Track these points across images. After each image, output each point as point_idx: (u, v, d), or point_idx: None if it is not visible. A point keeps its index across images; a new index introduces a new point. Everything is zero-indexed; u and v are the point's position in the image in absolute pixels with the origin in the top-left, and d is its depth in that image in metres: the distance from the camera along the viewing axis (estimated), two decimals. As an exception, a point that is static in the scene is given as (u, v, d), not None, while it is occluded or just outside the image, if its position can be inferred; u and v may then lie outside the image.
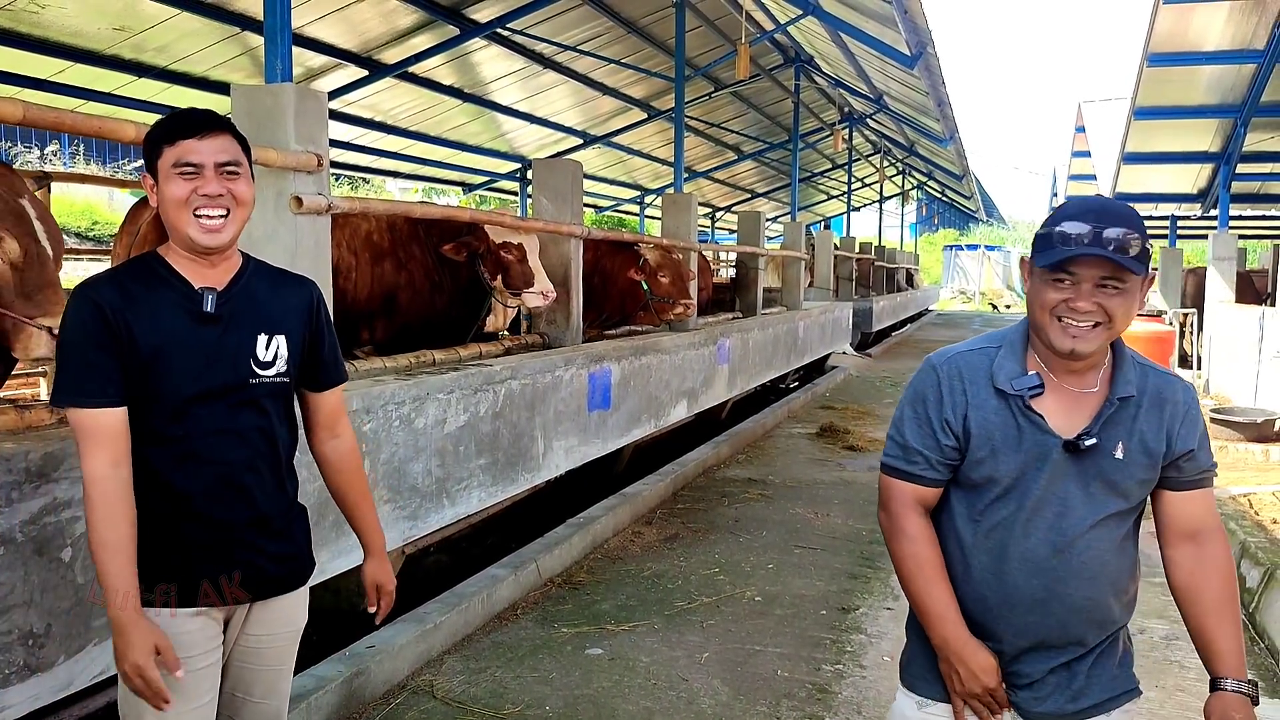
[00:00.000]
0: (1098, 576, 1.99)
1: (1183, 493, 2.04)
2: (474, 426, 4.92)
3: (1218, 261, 13.58)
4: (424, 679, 4.25)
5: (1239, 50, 10.51)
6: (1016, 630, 2.03)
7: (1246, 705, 1.96)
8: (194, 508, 2.17)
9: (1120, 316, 1.91)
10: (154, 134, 2.17)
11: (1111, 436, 1.97)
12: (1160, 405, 2.00)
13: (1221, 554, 2.05)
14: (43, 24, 7.66)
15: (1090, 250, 1.85)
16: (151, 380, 2.12)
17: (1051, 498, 1.99)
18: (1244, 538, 5.55)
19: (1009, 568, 2.01)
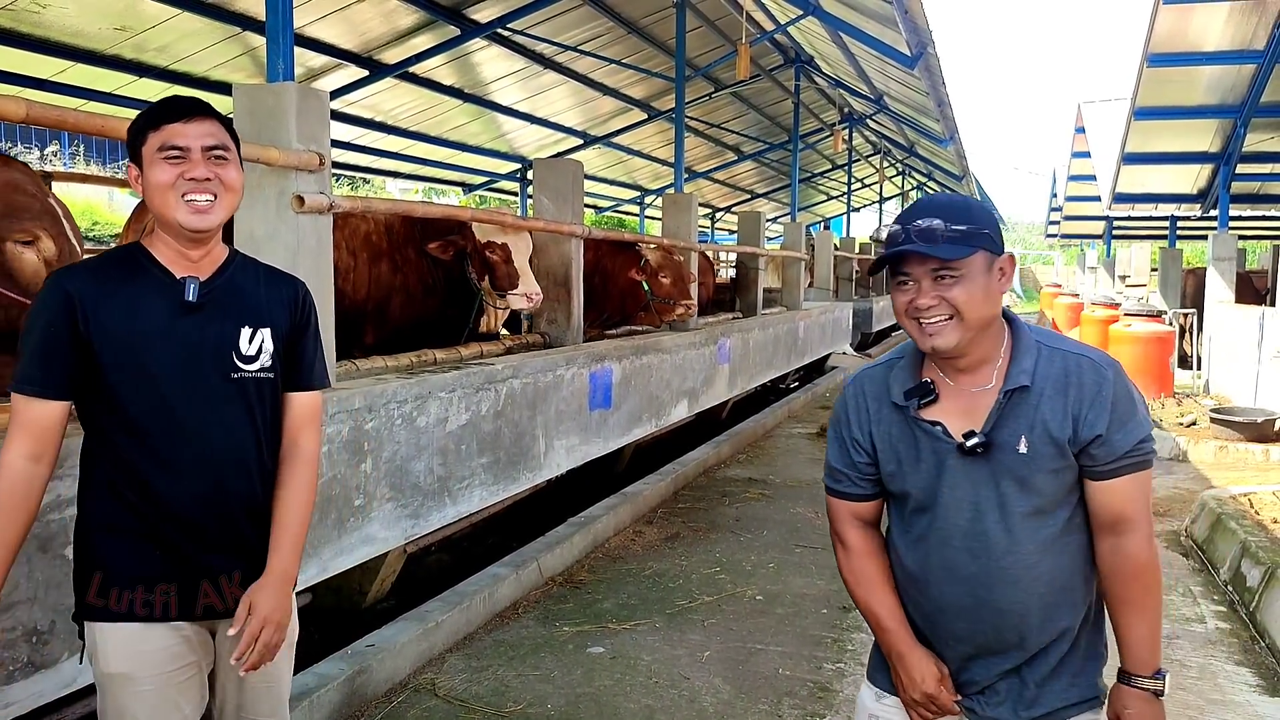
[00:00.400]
0: (1022, 580, 1.92)
1: (1101, 482, 1.91)
2: (476, 425, 4.93)
3: (1217, 262, 13.59)
4: (426, 677, 4.25)
5: (1239, 51, 10.52)
6: (954, 636, 2.00)
7: (1142, 700, 1.92)
8: (175, 509, 2.08)
9: (966, 304, 1.86)
10: (138, 122, 2.11)
11: (1012, 431, 1.90)
12: (1064, 390, 1.90)
13: (1137, 547, 1.90)
14: (44, 24, 7.67)
15: (900, 249, 1.87)
16: (128, 371, 2.05)
17: (962, 503, 1.94)
18: (1244, 537, 5.55)
19: (933, 577, 1.99)
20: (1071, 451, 1.89)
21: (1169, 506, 7.36)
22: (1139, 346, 12.08)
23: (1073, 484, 1.93)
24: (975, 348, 1.93)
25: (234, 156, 2.13)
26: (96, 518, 2.09)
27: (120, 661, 2.06)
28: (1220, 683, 4.32)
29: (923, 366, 2.02)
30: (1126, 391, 1.90)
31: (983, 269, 1.88)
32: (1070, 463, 1.90)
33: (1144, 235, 27.23)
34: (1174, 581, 5.64)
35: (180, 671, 2.11)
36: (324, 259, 4.07)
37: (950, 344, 1.89)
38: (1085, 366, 1.91)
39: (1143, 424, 1.90)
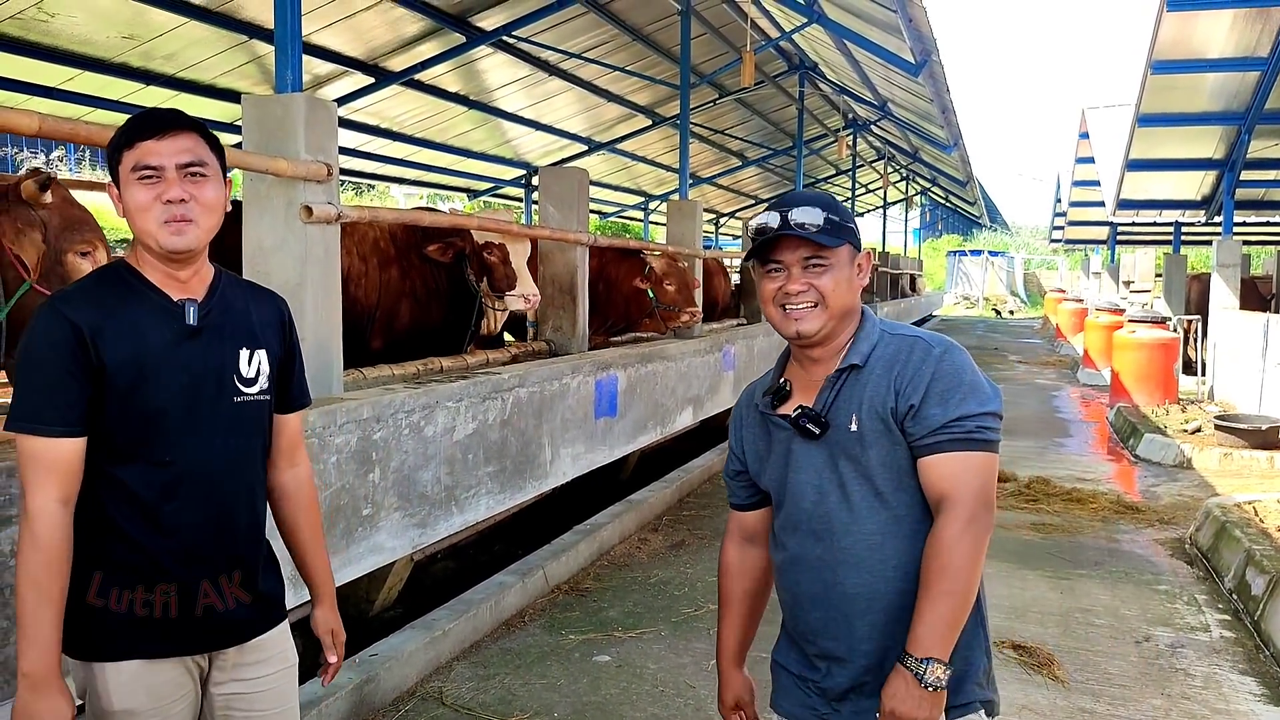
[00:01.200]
0: (866, 562, 1.91)
1: (924, 459, 1.88)
2: (482, 434, 4.95)
3: (1222, 268, 13.58)
4: (433, 686, 4.27)
5: (1243, 58, 10.51)
6: (811, 630, 2.00)
7: (902, 679, 1.81)
8: (181, 541, 2.00)
9: (831, 292, 1.95)
10: (114, 138, 1.99)
11: (845, 411, 1.94)
12: (892, 366, 1.93)
13: (946, 526, 1.82)
14: (52, 32, 7.72)
15: (781, 233, 1.93)
16: (133, 400, 1.94)
17: (806, 487, 1.98)
18: (1249, 545, 5.55)
19: (789, 566, 2.04)
20: (897, 428, 1.90)
21: (1173, 514, 7.37)
22: (1143, 353, 12.07)
23: (908, 466, 1.91)
24: (834, 337, 2.00)
25: (214, 171, 2.00)
26: (96, 555, 1.99)
27: (125, 699, 2.00)
28: (1225, 692, 4.33)
29: (785, 369, 2.10)
30: (954, 369, 1.90)
31: (847, 261, 1.99)
32: (899, 440, 1.90)
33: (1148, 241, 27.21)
34: (1178, 590, 5.65)
35: (179, 701, 2.07)
36: (332, 269, 4.10)
37: (813, 329, 1.96)
38: (917, 346, 1.95)
39: (969, 401, 1.87)
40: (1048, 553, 6.32)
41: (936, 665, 1.80)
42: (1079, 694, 4.25)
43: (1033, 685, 4.32)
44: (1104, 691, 4.29)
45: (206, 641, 2.09)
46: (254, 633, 2.15)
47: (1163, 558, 6.29)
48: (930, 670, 1.79)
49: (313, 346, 3.83)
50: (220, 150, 2.05)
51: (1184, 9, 9.39)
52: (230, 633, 2.12)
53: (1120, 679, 4.43)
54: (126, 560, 1.99)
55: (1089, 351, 16.34)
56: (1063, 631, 4.98)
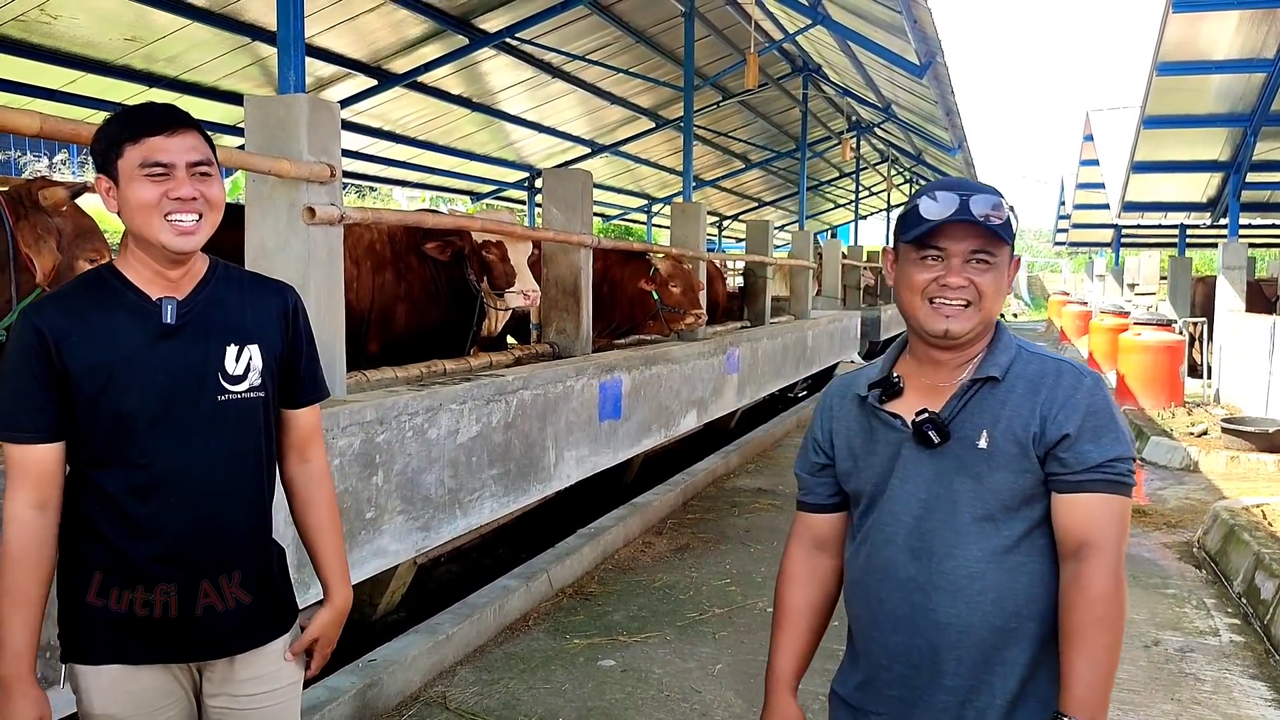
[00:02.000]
0: (966, 590, 1.75)
1: (1067, 496, 1.74)
2: (486, 437, 4.92)
3: (1228, 270, 13.54)
4: (437, 690, 4.24)
5: (1249, 59, 10.49)
6: (888, 653, 1.84)
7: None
8: (163, 544, 1.96)
9: (990, 294, 1.79)
10: (112, 130, 1.93)
11: (974, 425, 1.78)
12: (1037, 388, 1.78)
13: (1094, 575, 1.70)
14: (55, 35, 7.70)
15: (960, 217, 1.75)
16: (102, 404, 1.91)
17: (910, 498, 1.82)
18: (1258, 549, 5.51)
19: (873, 579, 1.86)
20: (1036, 455, 1.75)
21: (1180, 517, 7.33)
22: (1149, 355, 12.04)
23: (1034, 495, 1.77)
24: (974, 342, 1.85)
25: (216, 171, 1.99)
26: (76, 558, 1.99)
27: (106, 703, 1.99)
28: (1235, 697, 4.29)
29: (897, 363, 1.95)
30: (1106, 404, 1.78)
31: (1007, 263, 1.83)
32: (1032, 467, 1.75)
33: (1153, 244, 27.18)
34: (1187, 593, 5.61)
35: (167, 709, 2.04)
36: (335, 270, 4.08)
37: (965, 330, 1.80)
38: (1065, 370, 1.80)
39: (1120, 443, 1.75)
40: (1055, 556, 6.27)
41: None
42: (1088, 699, 4.21)
43: (1041, 690, 4.28)
44: (1113, 696, 4.22)
45: (192, 651, 2.05)
46: (247, 643, 2.09)
47: (1170, 561, 6.25)
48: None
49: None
50: (214, 148, 2.03)
51: (1190, 10, 9.37)
52: (219, 641, 2.06)
53: (1129, 684, 4.39)
54: (110, 564, 1.97)
55: (1094, 354, 16.30)
56: (1071, 636, 4.94)
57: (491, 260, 5.76)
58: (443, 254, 5.71)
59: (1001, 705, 1.77)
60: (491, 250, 5.76)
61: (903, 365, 1.93)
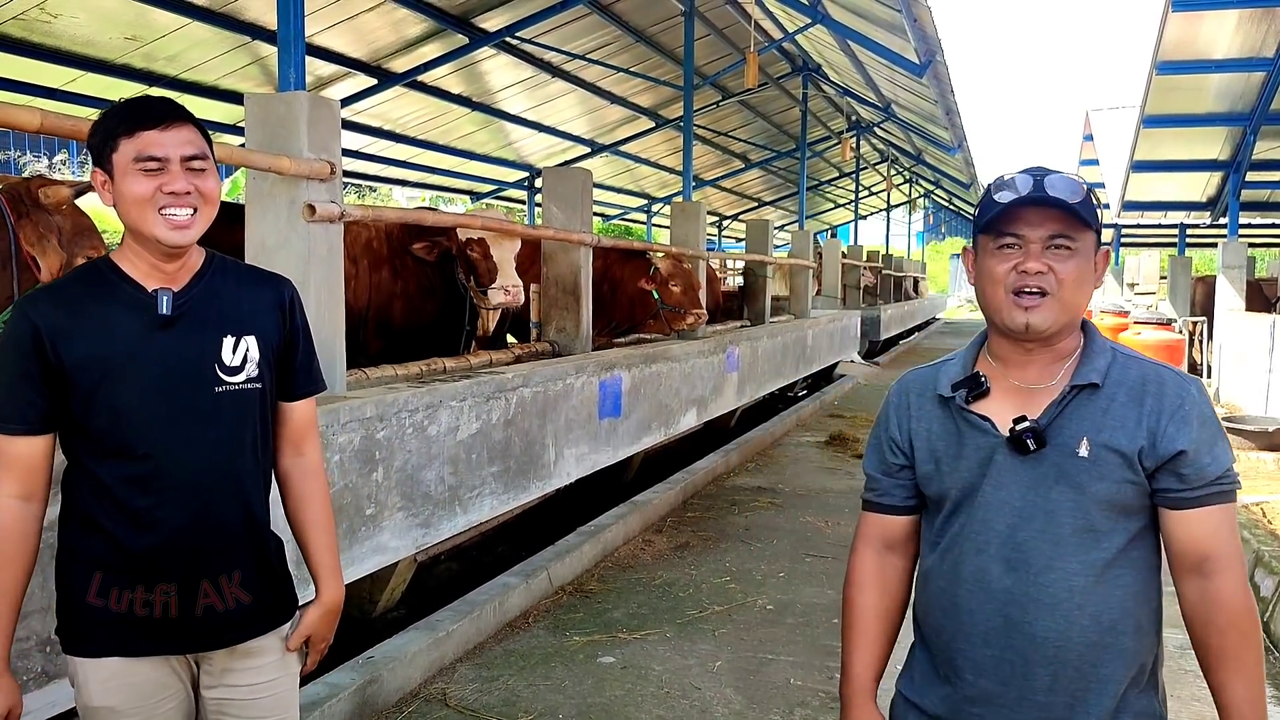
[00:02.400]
0: (1064, 605, 1.68)
1: (1184, 512, 1.68)
2: (486, 434, 4.92)
3: (1228, 270, 13.54)
4: (436, 687, 4.24)
5: (1248, 58, 10.49)
6: (976, 668, 1.75)
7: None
8: (162, 536, 1.95)
9: (1072, 284, 1.69)
10: (107, 124, 1.92)
11: (1073, 432, 1.70)
12: (1141, 398, 1.69)
13: (1229, 591, 1.66)
14: (55, 34, 7.71)
15: (1035, 195, 1.67)
16: (99, 397, 1.91)
17: (1004, 506, 1.73)
18: (1258, 547, 5.52)
19: (961, 591, 1.77)
20: (1144, 469, 1.67)
21: (1180, 515, 7.33)
22: (1149, 354, 11.98)
23: (1134, 507, 1.70)
24: (1059, 339, 1.74)
25: (211, 165, 1.98)
26: (74, 550, 2.00)
27: (104, 696, 1.99)
28: (1235, 694, 4.29)
29: (976, 361, 1.85)
30: (1212, 413, 1.71)
31: (1092, 252, 1.72)
32: (1136, 479, 1.68)
33: (1152, 243, 27.18)
34: (1187, 591, 5.61)
35: (165, 701, 2.03)
36: (335, 267, 4.08)
37: (1046, 323, 1.70)
38: (1167, 378, 1.72)
39: (1229, 450, 1.70)
40: (1054, 554, 6.28)
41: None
42: (1087, 695, 4.21)
43: (1041, 687, 4.28)
44: (1113, 693, 4.25)
45: (192, 643, 2.04)
46: (246, 635, 2.08)
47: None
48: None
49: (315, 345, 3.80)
50: (210, 141, 2.02)
51: (1189, 9, 9.36)
52: (218, 634, 2.05)
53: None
54: (109, 557, 1.97)
55: (1093, 353, 16.28)
56: (1070, 633, 4.95)
57: (475, 258, 5.70)
58: (430, 254, 5.68)
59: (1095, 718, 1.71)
60: (474, 248, 5.69)
61: (983, 364, 1.84)
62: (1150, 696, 1.74)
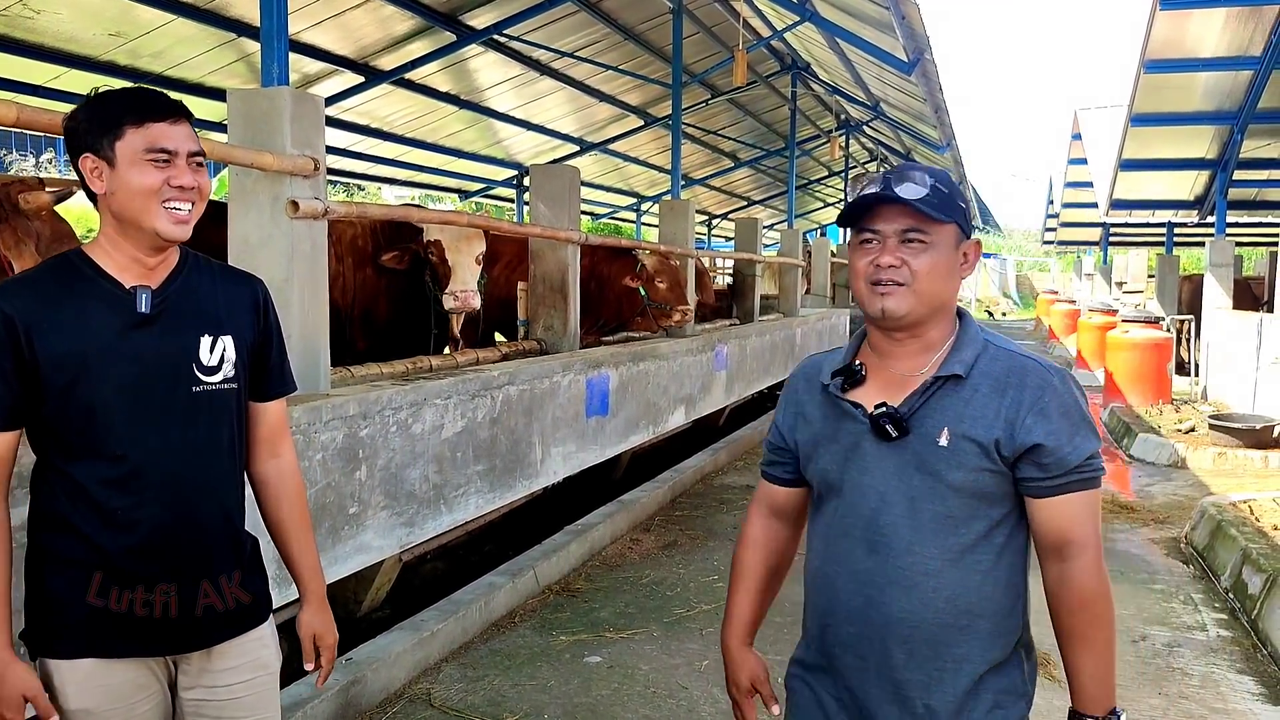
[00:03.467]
0: (920, 587, 1.76)
1: (1045, 499, 1.75)
2: (471, 432, 4.89)
3: (1215, 268, 13.58)
4: (421, 687, 4.21)
5: (1236, 57, 10.52)
6: (841, 643, 1.85)
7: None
8: (139, 537, 1.93)
9: (925, 274, 1.76)
10: (110, 110, 1.89)
11: (935, 422, 1.76)
12: (1003, 389, 1.76)
13: (1084, 573, 1.75)
14: (38, 30, 7.64)
15: (884, 192, 1.76)
16: (75, 394, 1.88)
17: (870, 491, 1.81)
18: (1245, 544, 5.52)
19: (831, 570, 1.87)
20: (1003, 460, 1.75)
21: (1168, 513, 7.34)
22: (1137, 353, 12.07)
23: (995, 495, 1.77)
24: (923, 328, 1.82)
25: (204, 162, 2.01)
26: (48, 551, 1.96)
27: (82, 698, 1.95)
28: (1223, 691, 4.29)
29: (860, 351, 1.93)
30: (1075, 402, 1.77)
31: (951, 244, 1.80)
32: (994, 468, 1.75)
33: (1141, 242, 27.25)
34: (1175, 589, 5.61)
35: (142, 702, 2.00)
36: (319, 264, 4.04)
37: (902, 309, 1.78)
38: (1030, 369, 1.79)
39: (1092, 438, 1.76)
40: (1042, 552, 6.28)
41: (1121, 715, 1.78)
42: (1075, 694, 4.20)
43: (1029, 685, 4.27)
44: (1101, 691, 4.24)
45: (169, 644, 2.02)
46: (224, 635, 2.06)
47: (1158, 557, 6.26)
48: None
49: (299, 343, 3.77)
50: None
51: (1177, 8, 9.39)
52: (196, 635, 2.03)
53: (1117, 678, 4.38)
54: (83, 558, 1.93)
55: (1082, 352, 16.35)
56: (1058, 631, 4.94)
57: (433, 260, 5.59)
58: (401, 263, 5.58)
59: (952, 701, 1.78)
60: (432, 250, 5.58)
61: (865, 354, 1.92)
62: (1014, 676, 1.82)
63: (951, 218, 1.78)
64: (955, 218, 1.79)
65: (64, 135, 1.97)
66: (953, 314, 1.88)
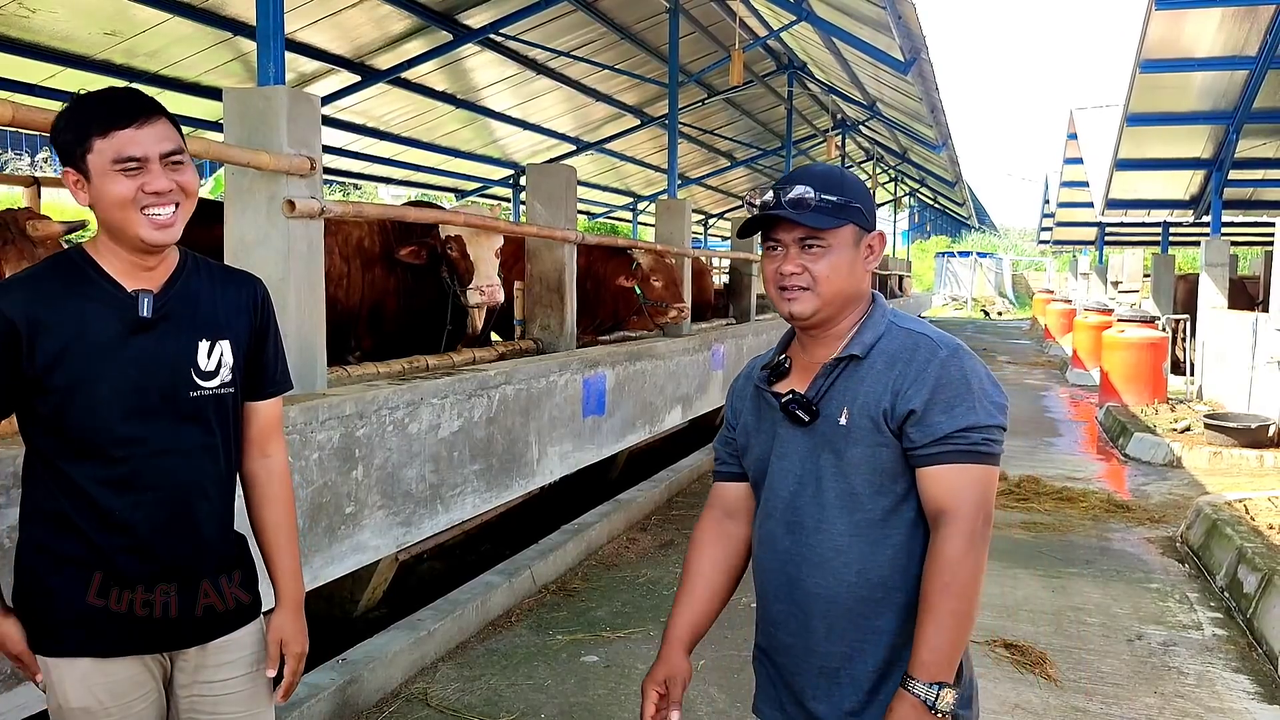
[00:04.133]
0: (832, 563, 1.83)
1: (923, 468, 1.79)
2: (468, 432, 4.89)
3: (1210, 268, 13.59)
4: (418, 687, 4.21)
5: (1231, 57, 10.53)
6: (772, 621, 1.94)
7: (907, 704, 1.72)
8: (136, 538, 1.93)
9: (827, 276, 1.85)
10: (76, 121, 1.87)
11: (838, 403, 1.84)
12: (892, 364, 1.82)
13: (946, 543, 1.75)
14: (33, 29, 7.63)
15: (771, 212, 1.84)
16: (74, 396, 1.88)
17: (786, 474, 1.90)
18: (1241, 543, 5.53)
19: (760, 551, 1.98)
20: (891, 432, 1.80)
21: (1163, 512, 7.35)
22: (1132, 352, 12.08)
23: (894, 471, 1.82)
24: (832, 323, 1.90)
25: (187, 157, 1.94)
26: (44, 548, 1.96)
27: (81, 695, 1.95)
28: (1218, 690, 4.30)
29: (789, 346, 2.02)
30: (960, 374, 1.80)
31: (850, 243, 1.87)
32: (887, 441, 1.80)
33: (1136, 241, 27.28)
34: (1170, 588, 5.62)
35: (139, 700, 2.00)
36: (315, 264, 4.03)
37: (807, 311, 1.87)
38: (921, 344, 1.84)
39: (974, 412, 1.77)
40: (1039, 551, 6.28)
41: (947, 690, 1.71)
42: (1071, 693, 4.21)
43: (1025, 684, 4.28)
44: (1096, 690, 4.25)
45: (164, 641, 2.02)
46: (217, 632, 2.07)
47: (1154, 556, 6.27)
48: (941, 696, 1.71)
49: (295, 343, 3.76)
50: (181, 131, 1.98)
51: (1172, 8, 9.40)
52: (191, 632, 2.03)
53: (1113, 677, 4.39)
54: (82, 557, 1.94)
55: (1078, 351, 16.35)
56: (1054, 630, 4.95)
57: (454, 257, 5.61)
58: (418, 258, 5.59)
59: (873, 671, 1.84)
60: (452, 246, 5.61)
61: (793, 349, 2.01)
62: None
63: (845, 220, 1.85)
64: (849, 219, 1.86)
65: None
66: (865, 302, 1.94)
